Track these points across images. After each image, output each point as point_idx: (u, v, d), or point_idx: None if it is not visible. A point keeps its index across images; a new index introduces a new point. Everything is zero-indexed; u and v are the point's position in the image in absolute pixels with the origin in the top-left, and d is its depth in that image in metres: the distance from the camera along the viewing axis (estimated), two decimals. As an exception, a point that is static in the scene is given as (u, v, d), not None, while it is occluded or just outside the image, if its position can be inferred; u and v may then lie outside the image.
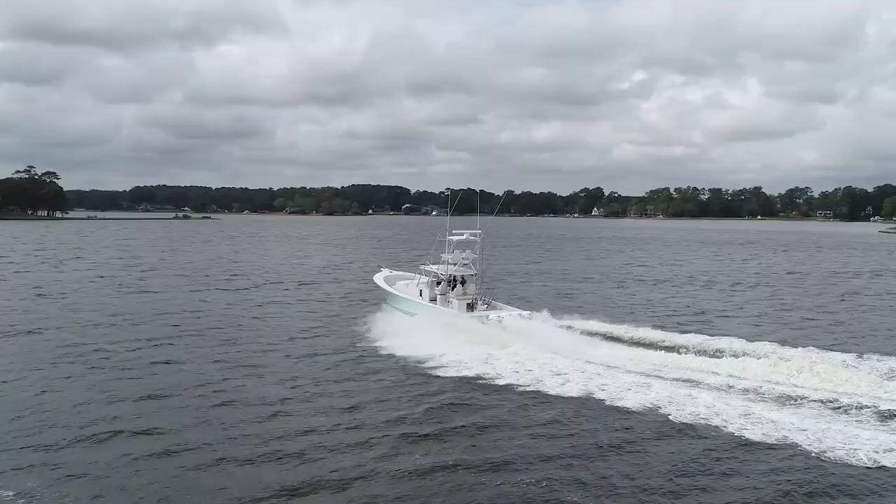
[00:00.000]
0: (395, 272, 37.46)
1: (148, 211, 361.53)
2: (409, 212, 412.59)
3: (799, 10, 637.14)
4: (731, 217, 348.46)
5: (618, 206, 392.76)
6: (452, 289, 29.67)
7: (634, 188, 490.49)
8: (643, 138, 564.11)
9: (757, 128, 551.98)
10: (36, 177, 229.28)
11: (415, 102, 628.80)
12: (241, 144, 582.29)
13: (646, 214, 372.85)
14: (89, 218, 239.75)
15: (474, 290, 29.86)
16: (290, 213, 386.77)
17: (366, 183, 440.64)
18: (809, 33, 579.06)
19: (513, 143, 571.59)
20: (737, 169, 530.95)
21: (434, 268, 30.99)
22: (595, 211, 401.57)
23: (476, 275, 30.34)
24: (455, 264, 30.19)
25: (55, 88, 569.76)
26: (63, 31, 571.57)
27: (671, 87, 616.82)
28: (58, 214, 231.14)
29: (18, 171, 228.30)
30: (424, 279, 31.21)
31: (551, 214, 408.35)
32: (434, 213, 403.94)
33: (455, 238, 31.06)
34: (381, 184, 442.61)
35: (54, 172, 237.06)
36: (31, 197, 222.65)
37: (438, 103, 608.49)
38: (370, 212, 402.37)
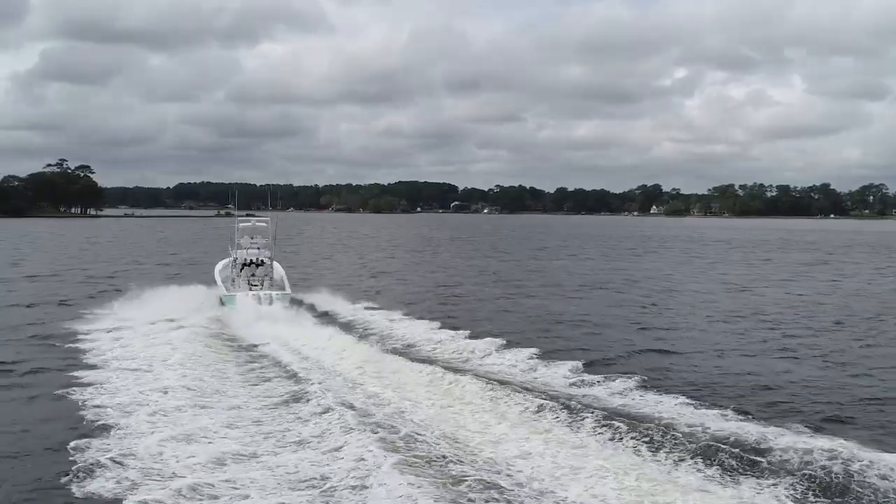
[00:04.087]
0: None
1: (191, 208, 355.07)
2: (458, 209, 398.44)
3: (848, 3, 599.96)
4: (800, 215, 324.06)
5: (680, 204, 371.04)
6: (241, 270, 31.78)
7: (679, 185, 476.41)
8: (686, 136, 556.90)
9: (803, 124, 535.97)
10: (69, 171, 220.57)
11: (454, 100, 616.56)
12: (283, 142, 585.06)
13: (710, 213, 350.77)
14: (126, 216, 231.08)
15: (263, 272, 31.90)
16: (335, 210, 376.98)
17: (412, 180, 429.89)
18: (858, 27, 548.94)
19: (553, 140, 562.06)
20: (780, 167, 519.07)
21: (233, 253, 33.11)
22: (654, 209, 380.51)
23: (271, 258, 32.68)
24: (246, 248, 32.71)
25: (102, 88, 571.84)
26: (109, 31, 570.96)
27: (714, 84, 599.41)
28: (91, 211, 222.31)
29: (49, 165, 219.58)
30: (229, 262, 33.42)
31: (608, 212, 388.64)
32: (486, 210, 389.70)
33: (241, 224, 34.23)
34: (426, 181, 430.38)
35: (88, 166, 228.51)
36: (64, 192, 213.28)
37: (478, 101, 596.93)
38: (418, 209, 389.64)
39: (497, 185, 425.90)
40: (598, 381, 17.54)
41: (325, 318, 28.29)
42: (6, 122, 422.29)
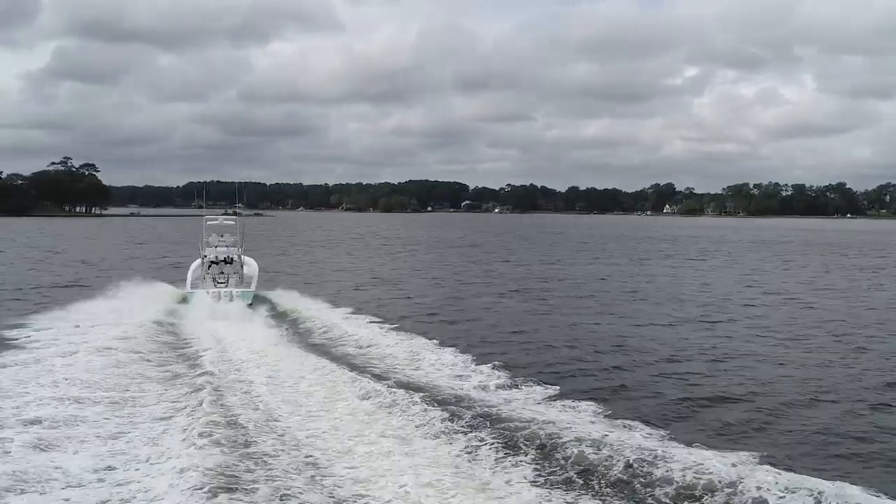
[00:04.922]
0: None
1: (200, 207, 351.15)
2: (469, 209, 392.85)
3: (858, 2, 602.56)
4: (816, 215, 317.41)
5: (694, 204, 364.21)
6: (209, 268, 31.93)
7: (689, 184, 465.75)
8: (696, 135, 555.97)
9: (813, 123, 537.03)
10: (73, 169, 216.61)
11: (463, 99, 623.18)
12: (293, 141, 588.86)
13: (725, 212, 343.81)
14: (132, 215, 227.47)
15: (232, 269, 32.16)
16: (345, 209, 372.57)
17: (421, 179, 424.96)
18: (868, 26, 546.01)
19: (562, 139, 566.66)
20: (791, 166, 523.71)
21: (202, 251, 32.96)
22: (667, 208, 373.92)
23: (239, 255, 32.81)
24: (215, 246, 32.95)
25: (112, 87, 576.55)
26: (120, 30, 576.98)
27: (724, 83, 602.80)
28: (96, 210, 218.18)
29: (54, 163, 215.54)
30: (198, 260, 32.99)
31: (620, 212, 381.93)
32: (497, 210, 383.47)
33: (209, 223, 34.29)
34: (436, 180, 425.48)
35: (93, 165, 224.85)
36: (68, 191, 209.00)
37: (487, 100, 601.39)
38: (429, 209, 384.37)
39: (508, 185, 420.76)
40: (690, 455, 12.10)
41: (282, 317, 27.01)
42: (19, 121, 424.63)
